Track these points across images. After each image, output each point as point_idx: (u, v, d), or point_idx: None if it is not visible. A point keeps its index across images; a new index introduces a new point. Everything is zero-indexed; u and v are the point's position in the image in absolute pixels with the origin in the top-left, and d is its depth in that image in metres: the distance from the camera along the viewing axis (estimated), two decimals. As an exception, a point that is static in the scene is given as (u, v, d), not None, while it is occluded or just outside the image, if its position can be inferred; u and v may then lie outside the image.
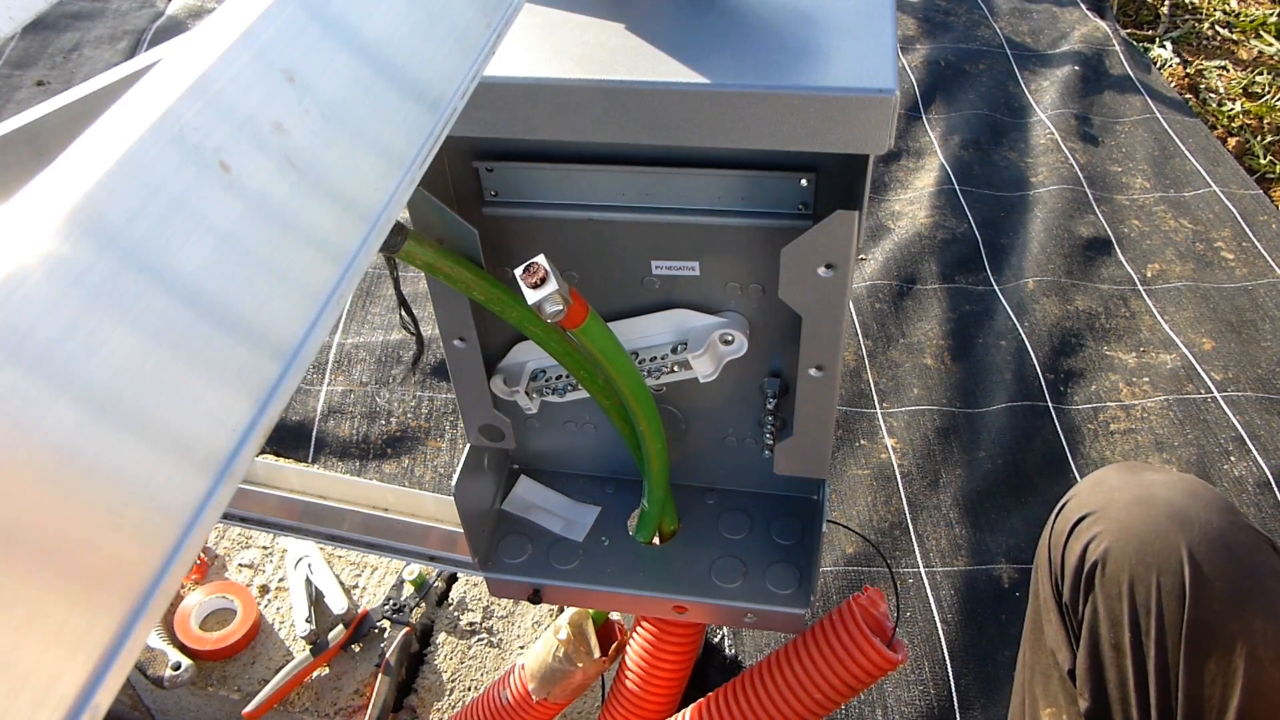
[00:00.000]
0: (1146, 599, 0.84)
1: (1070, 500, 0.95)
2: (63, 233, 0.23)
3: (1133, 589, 0.85)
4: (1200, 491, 0.88)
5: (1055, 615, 0.95)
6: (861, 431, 1.61)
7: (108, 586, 0.23)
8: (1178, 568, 0.83)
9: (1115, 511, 0.88)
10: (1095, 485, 0.94)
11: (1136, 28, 2.75)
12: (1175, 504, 0.86)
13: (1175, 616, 0.82)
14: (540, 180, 0.71)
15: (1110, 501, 0.90)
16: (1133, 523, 0.87)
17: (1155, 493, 0.88)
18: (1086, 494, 0.93)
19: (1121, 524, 0.87)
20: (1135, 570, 0.85)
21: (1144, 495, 0.88)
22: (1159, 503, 0.87)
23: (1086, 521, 0.90)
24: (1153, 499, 0.87)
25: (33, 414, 0.22)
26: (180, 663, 1.28)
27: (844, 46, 0.60)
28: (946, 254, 1.94)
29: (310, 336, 0.29)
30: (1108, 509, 0.89)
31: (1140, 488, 0.89)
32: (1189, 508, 0.86)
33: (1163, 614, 0.82)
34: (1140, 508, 0.87)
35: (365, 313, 1.84)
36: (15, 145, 0.46)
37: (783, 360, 0.79)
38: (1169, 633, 0.82)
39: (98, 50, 2.64)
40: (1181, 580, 0.82)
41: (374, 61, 0.34)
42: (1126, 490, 0.90)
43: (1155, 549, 0.84)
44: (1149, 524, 0.86)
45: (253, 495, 1.16)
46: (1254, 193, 2.10)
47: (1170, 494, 0.87)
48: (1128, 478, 0.92)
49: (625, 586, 0.89)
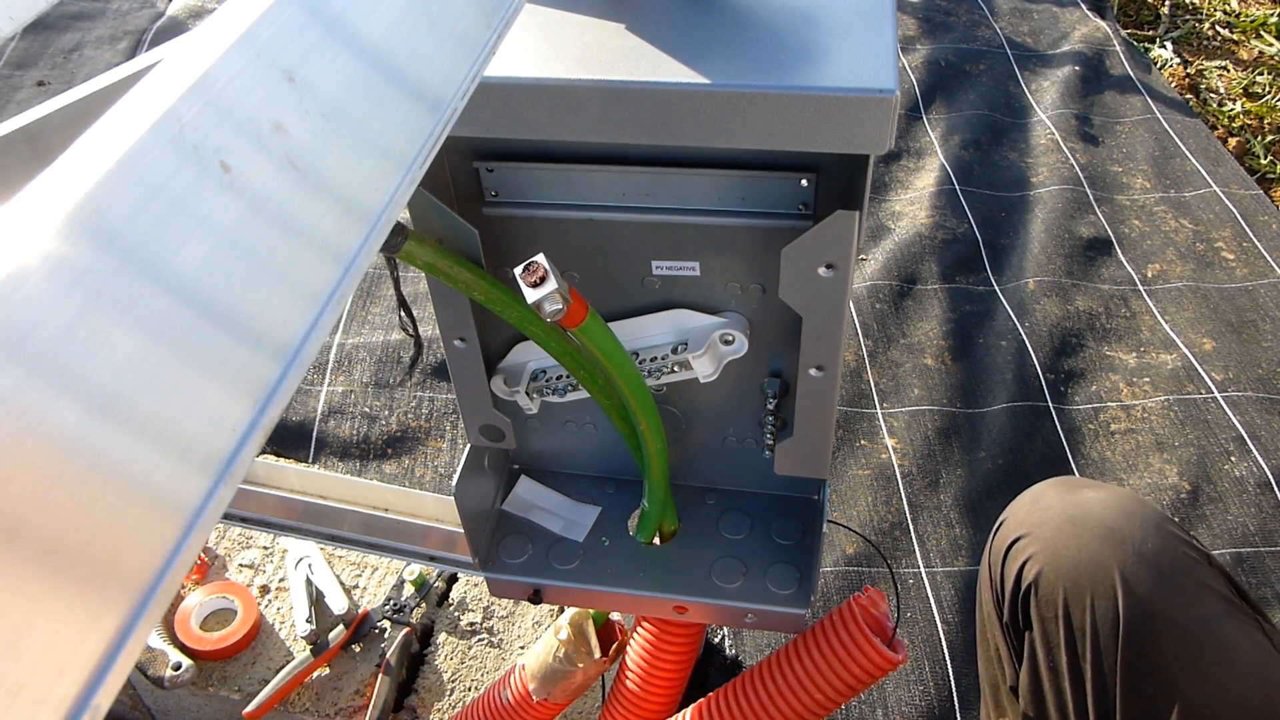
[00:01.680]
0: (1081, 621, 0.83)
1: (1007, 519, 0.94)
2: (63, 233, 0.23)
3: (1067, 611, 0.84)
4: (1135, 509, 0.87)
5: (998, 631, 0.94)
6: (862, 431, 1.61)
7: (108, 586, 0.23)
8: (1110, 590, 0.82)
9: (1048, 532, 0.87)
10: (1032, 503, 0.92)
11: (1137, 28, 2.75)
12: (1109, 523, 0.85)
13: (1110, 640, 0.81)
14: (540, 180, 0.71)
15: (1044, 521, 0.89)
16: (1065, 544, 0.86)
17: (1089, 511, 0.87)
18: (1023, 513, 0.92)
19: (1054, 545, 0.86)
20: (1069, 592, 0.84)
21: (1077, 514, 0.87)
22: (1092, 523, 0.86)
23: (1021, 543, 0.89)
24: (1086, 518, 0.86)
25: (33, 414, 0.22)
26: (180, 663, 1.28)
27: (844, 46, 0.60)
28: (947, 254, 1.94)
29: (310, 337, 0.29)
30: (1041, 529, 0.88)
31: (1074, 506, 0.88)
32: (1122, 528, 0.84)
33: (1098, 637, 0.82)
34: (1073, 528, 0.86)
35: (365, 313, 1.84)
36: (15, 145, 0.46)
37: (783, 360, 0.79)
38: (1104, 656, 0.81)
39: (98, 50, 2.64)
40: (1115, 603, 0.81)
41: (374, 62, 0.34)
42: (1061, 509, 0.89)
43: (1088, 571, 0.83)
44: (1081, 546, 0.85)
45: (253, 495, 1.16)
46: (1254, 193, 2.10)
47: (1104, 513, 0.86)
48: (1064, 495, 0.90)
49: (625, 586, 0.89)
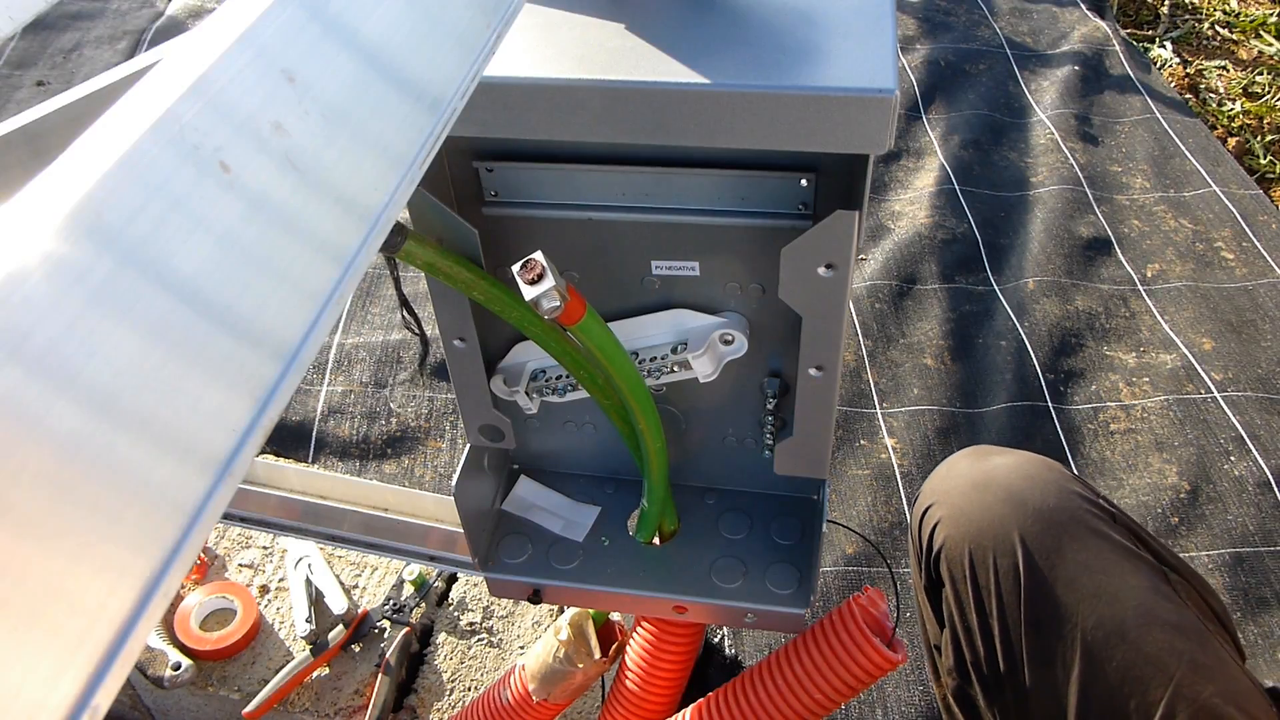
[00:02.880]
0: (986, 580, 0.86)
1: (924, 488, 0.98)
2: (63, 233, 0.23)
3: (974, 571, 0.87)
4: (1038, 472, 0.90)
5: (923, 595, 0.98)
6: (861, 431, 1.61)
7: (108, 586, 0.23)
8: (1011, 550, 0.85)
9: (955, 497, 0.91)
10: (946, 472, 0.96)
11: (1136, 28, 2.75)
12: (1011, 487, 0.88)
13: (1013, 596, 0.84)
14: (540, 180, 0.71)
15: (953, 487, 0.92)
16: (970, 508, 0.89)
17: (994, 476, 0.90)
18: (936, 481, 0.96)
19: (959, 509, 0.90)
20: (974, 554, 0.87)
21: (982, 480, 0.91)
22: (995, 486, 0.89)
23: (932, 509, 0.93)
24: (990, 483, 0.90)
25: (33, 414, 0.22)
26: (180, 663, 1.28)
27: (844, 46, 0.60)
28: (946, 254, 1.94)
29: (310, 337, 0.29)
30: (950, 495, 0.92)
31: (981, 473, 0.92)
32: (1024, 490, 0.88)
33: (1002, 595, 0.85)
34: (977, 493, 0.90)
35: (365, 313, 1.84)
36: (15, 145, 0.46)
37: (783, 360, 0.79)
38: (1008, 610, 0.85)
39: (98, 50, 2.64)
40: (1015, 562, 0.85)
41: (374, 61, 0.34)
42: (967, 476, 0.92)
43: (990, 533, 0.87)
44: (984, 509, 0.88)
45: (253, 495, 1.16)
46: (1254, 193, 2.10)
47: (1008, 476, 0.90)
48: (973, 463, 0.94)
49: (625, 586, 0.89)
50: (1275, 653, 1.31)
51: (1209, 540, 1.44)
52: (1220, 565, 1.41)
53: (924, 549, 0.94)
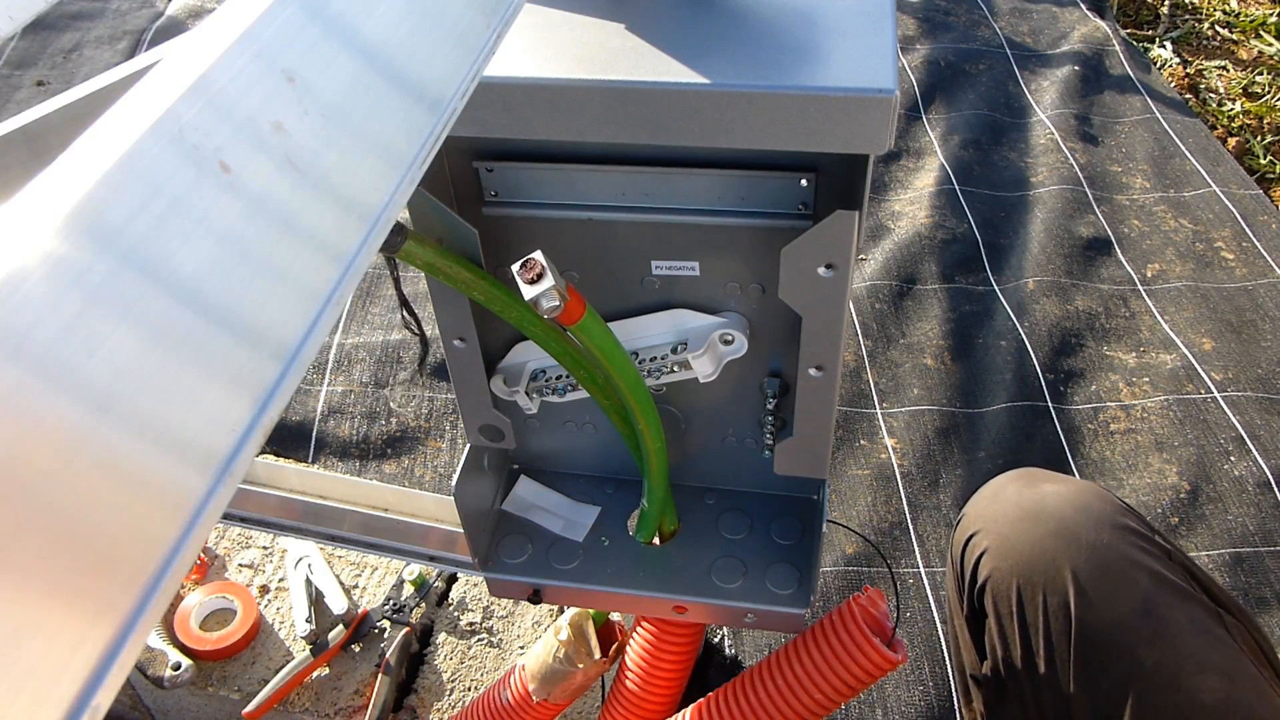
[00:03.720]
0: (1035, 618, 0.83)
1: (967, 513, 0.93)
2: (63, 233, 0.23)
3: (1021, 608, 0.84)
4: (1092, 504, 0.86)
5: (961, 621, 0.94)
6: (861, 431, 1.61)
7: (108, 586, 0.23)
8: (1062, 587, 0.81)
9: (1004, 526, 0.87)
10: (991, 497, 0.92)
11: (1136, 28, 2.75)
12: (1065, 519, 0.84)
13: (1063, 637, 0.81)
14: (540, 180, 0.71)
15: (1001, 515, 0.88)
16: (1019, 539, 0.85)
17: (1046, 507, 0.86)
18: (982, 506, 0.92)
19: (1008, 540, 0.86)
20: (1023, 589, 0.83)
21: (1033, 509, 0.86)
22: (1046, 518, 0.85)
23: (978, 537, 0.89)
24: (1041, 513, 0.86)
25: (33, 414, 0.22)
26: (180, 663, 1.28)
27: (844, 46, 0.60)
28: (946, 254, 1.94)
29: (310, 337, 0.29)
30: (997, 523, 0.88)
31: (1031, 501, 0.87)
32: (1077, 523, 0.84)
33: (1050, 633, 0.81)
34: (1027, 524, 0.85)
35: (365, 313, 1.84)
36: (15, 145, 0.46)
37: (783, 360, 0.79)
38: (1058, 651, 0.81)
39: (98, 50, 2.64)
40: (1066, 600, 0.81)
41: (374, 61, 0.34)
42: (1017, 504, 0.88)
43: (1041, 568, 0.83)
44: (1034, 542, 0.84)
45: (253, 495, 1.16)
46: (1254, 193, 2.10)
47: (1060, 507, 0.85)
48: (1022, 490, 0.90)
49: (625, 586, 0.89)
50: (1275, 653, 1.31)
51: (1209, 540, 1.44)
52: (1220, 565, 1.40)
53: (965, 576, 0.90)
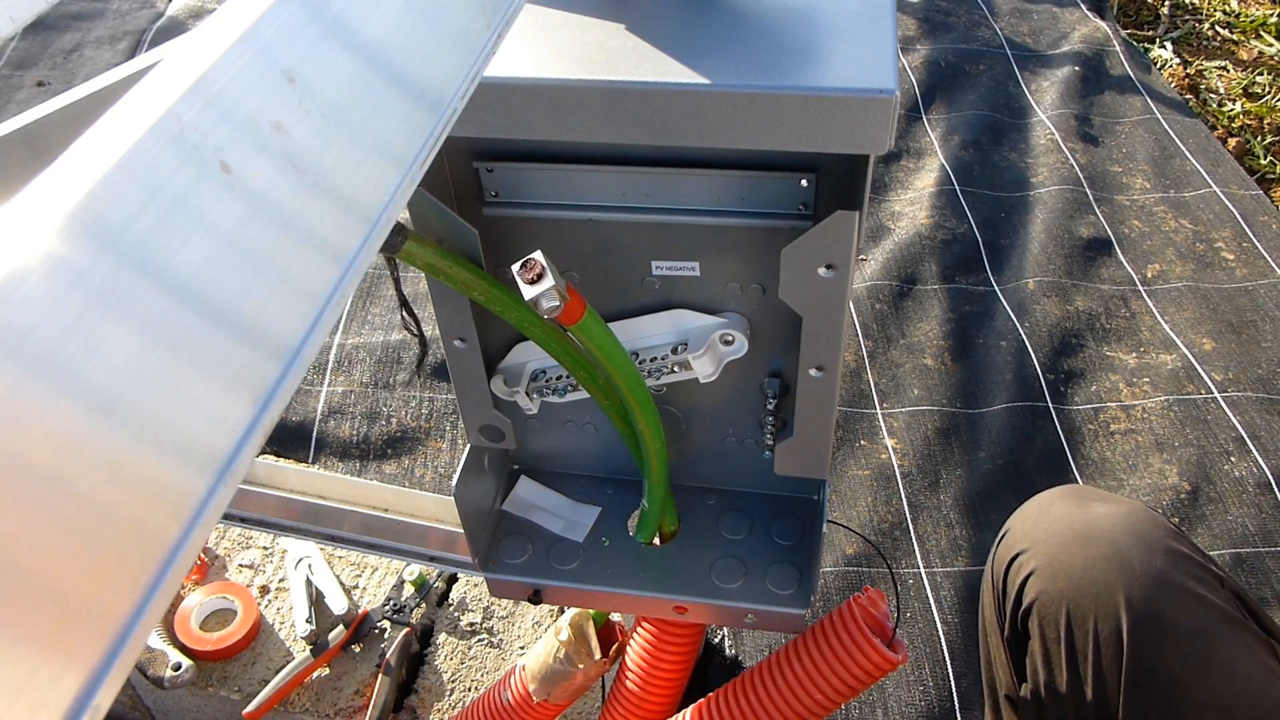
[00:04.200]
0: (1084, 644, 0.81)
1: (1011, 529, 0.91)
2: (63, 233, 0.23)
3: (1070, 633, 0.82)
4: (1145, 529, 0.84)
5: (998, 639, 0.92)
6: (862, 432, 1.61)
7: (108, 586, 0.23)
8: (1114, 613, 0.80)
9: (1053, 548, 0.85)
10: (1039, 514, 0.90)
11: (1136, 28, 2.75)
12: (1116, 543, 0.83)
13: (1113, 664, 0.79)
14: (540, 180, 0.71)
15: (1050, 535, 0.86)
16: (1071, 562, 0.83)
17: (1097, 528, 0.84)
18: (1029, 524, 0.90)
19: (1058, 563, 0.84)
20: (1072, 614, 0.82)
21: (1085, 532, 0.84)
22: (1099, 542, 0.83)
23: (1024, 557, 0.87)
24: (1093, 537, 0.84)
25: (33, 414, 0.21)
26: (180, 663, 1.28)
27: (844, 47, 0.60)
28: (947, 254, 1.93)
29: (310, 337, 0.29)
30: (1045, 543, 0.86)
31: (1083, 523, 0.85)
32: (1131, 548, 0.82)
33: (1101, 660, 0.80)
34: (1079, 546, 0.84)
35: (365, 313, 1.84)
36: (15, 145, 0.46)
37: (783, 360, 0.79)
38: (1107, 679, 0.80)
39: (98, 50, 2.64)
40: (1119, 626, 0.79)
41: (374, 62, 0.34)
42: (1068, 524, 0.86)
43: (1092, 594, 0.81)
44: (1087, 565, 0.82)
45: (253, 495, 1.16)
46: (1254, 193, 2.10)
47: (1112, 531, 0.84)
48: (1072, 509, 0.88)
49: (625, 587, 0.89)
50: (1275, 653, 1.31)
51: (1209, 540, 1.44)
52: (1220, 565, 1.41)
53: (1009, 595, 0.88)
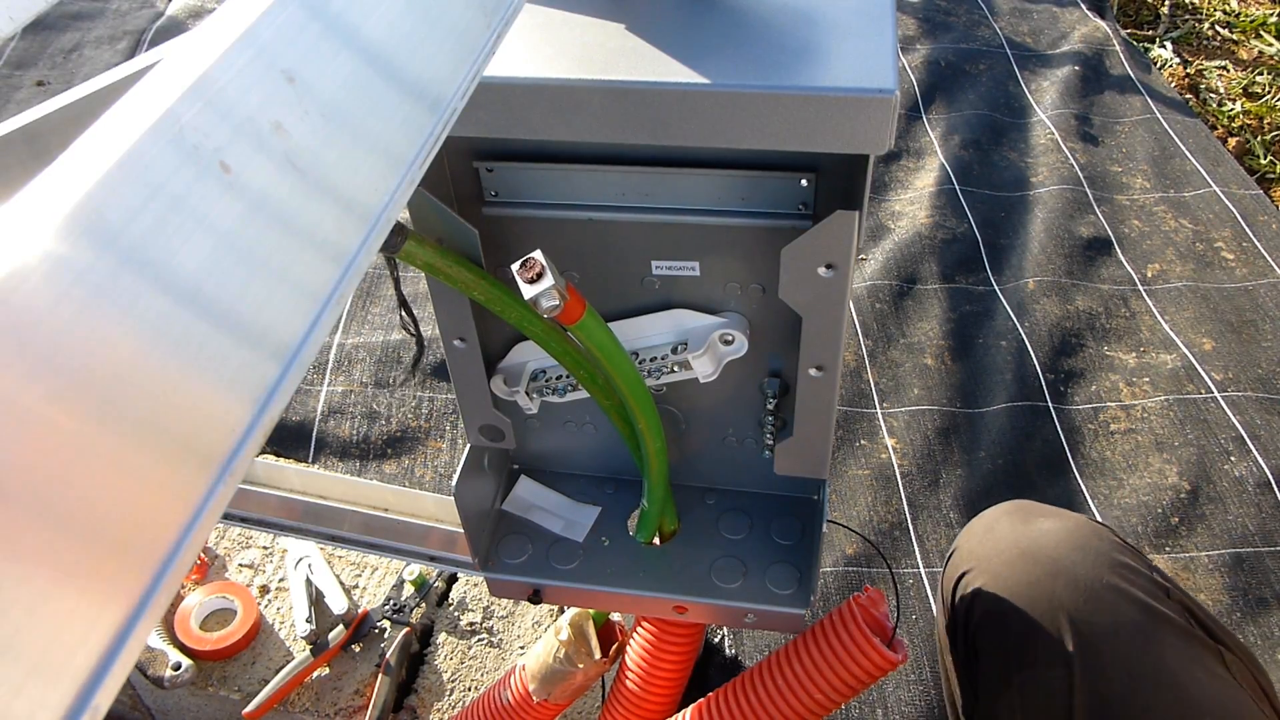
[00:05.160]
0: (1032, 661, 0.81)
1: (959, 548, 0.92)
2: (63, 233, 0.23)
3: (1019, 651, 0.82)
4: (1090, 542, 0.84)
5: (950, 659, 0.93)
6: (861, 431, 1.61)
7: (108, 587, 0.23)
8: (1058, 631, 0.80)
9: (997, 565, 0.85)
10: (984, 533, 0.90)
11: (1136, 28, 2.75)
12: (1060, 560, 0.83)
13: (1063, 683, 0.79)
14: (540, 180, 0.71)
15: (995, 553, 0.87)
16: (1015, 580, 0.84)
17: (1042, 547, 0.85)
18: (975, 542, 0.90)
19: (1003, 580, 0.84)
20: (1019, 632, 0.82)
21: (1029, 549, 0.85)
22: (1043, 558, 0.83)
23: (971, 574, 0.88)
24: (1037, 554, 0.84)
25: (32, 414, 0.22)
26: (180, 663, 1.28)
27: (844, 46, 0.60)
28: (947, 254, 1.93)
29: (310, 337, 0.29)
30: (991, 562, 0.86)
31: (1027, 540, 0.86)
32: (1075, 564, 0.82)
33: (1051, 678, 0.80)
34: (1023, 563, 0.84)
35: (365, 313, 1.84)
36: (15, 145, 0.46)
37: (783, 360, 0.79)
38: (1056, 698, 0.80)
39: (98, 50, 2.64)
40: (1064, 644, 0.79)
41: (374, 61, 0.34)
42: (1012, 542, 0.86)
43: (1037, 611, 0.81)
44: (1032, 583, 0.83)
45: (253, 495, 1.16)
46: (1254, 193, 2.10)
47: (1056, 548, 0.84)
48: (1017, 526, 0.88)
49: (625, 586, 0.89)
50: (1275, 653, 1.31)
51: (1209, 540, 1.44)
52: (1220, 565, 1.40)
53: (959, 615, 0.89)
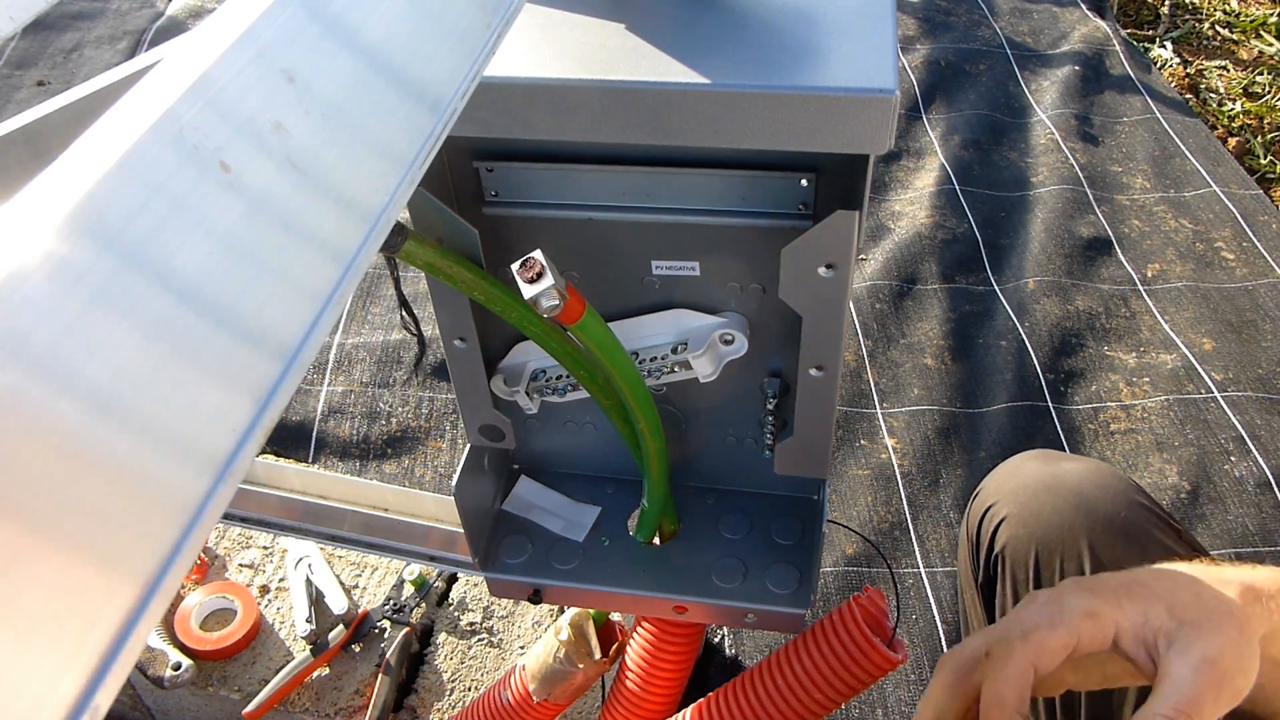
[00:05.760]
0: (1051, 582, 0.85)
1: (985, 487, 0.97)
2: (63, 233, 0.23)
3: (1038, 573, 0.86)
4: (1109, 481, 0.89)
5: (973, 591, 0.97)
6: (861, 431, 1.61)
7: (108, 586, 0.23)
8: (1078, 555, 0.85)
9: (1023, 498, 0.91)
10: (1012, 472, 0.95)
11: (1136, 28, 2.75)
12: (1083, 493, 0.88)
13: None
14: (541, 180, 0.71)
15: (1021, 488, 0.92)
16: (1040, 510, 0.89)
17: (1065, 481, 0.90)
18: (1001, 480, 0.95)
19: (1028, 510, 0.90)
20: (1040, 556, 0.87)
21: (1053, 483, 0.90)
22: (1066, 491, 0.88)
23: (996, 507, 0.93)
24: (1060, 487, 0.89)
25: (33, 414, 0.22)
26: (180, 663, 1.28)
27: (844, 46, 0.60)
28: (947, 254, 1.94)
29: (310, 337, 0.29)
30: (1017, 495, 0.91)
31: (1052, 476, 0.91)
32: (1095, 497, 0.87)
33: None
34: (1048, 495, 0.89)
35: (365, 313, 1.84)
36: (15, 145, 0.46)
37: (783, 360, 0.79)
38: None
39: (98, 50, 2.64)
40: (1082, 567, 0.84)
41: (374, 61, 0.34)
42: (1038, 478, 0.92)
43: (1058, 536, 0.86)
44: (1055, 511, 0.88)
45: (253, 495, 1.16)
46: (1254, 193, 2.10)
47: (1079, 483, 0.89)
48: (1042, 466, 0.93)
49: (625, 586, 0.89)
50: None
51: (1209, 540, 1.44)
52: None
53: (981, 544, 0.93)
